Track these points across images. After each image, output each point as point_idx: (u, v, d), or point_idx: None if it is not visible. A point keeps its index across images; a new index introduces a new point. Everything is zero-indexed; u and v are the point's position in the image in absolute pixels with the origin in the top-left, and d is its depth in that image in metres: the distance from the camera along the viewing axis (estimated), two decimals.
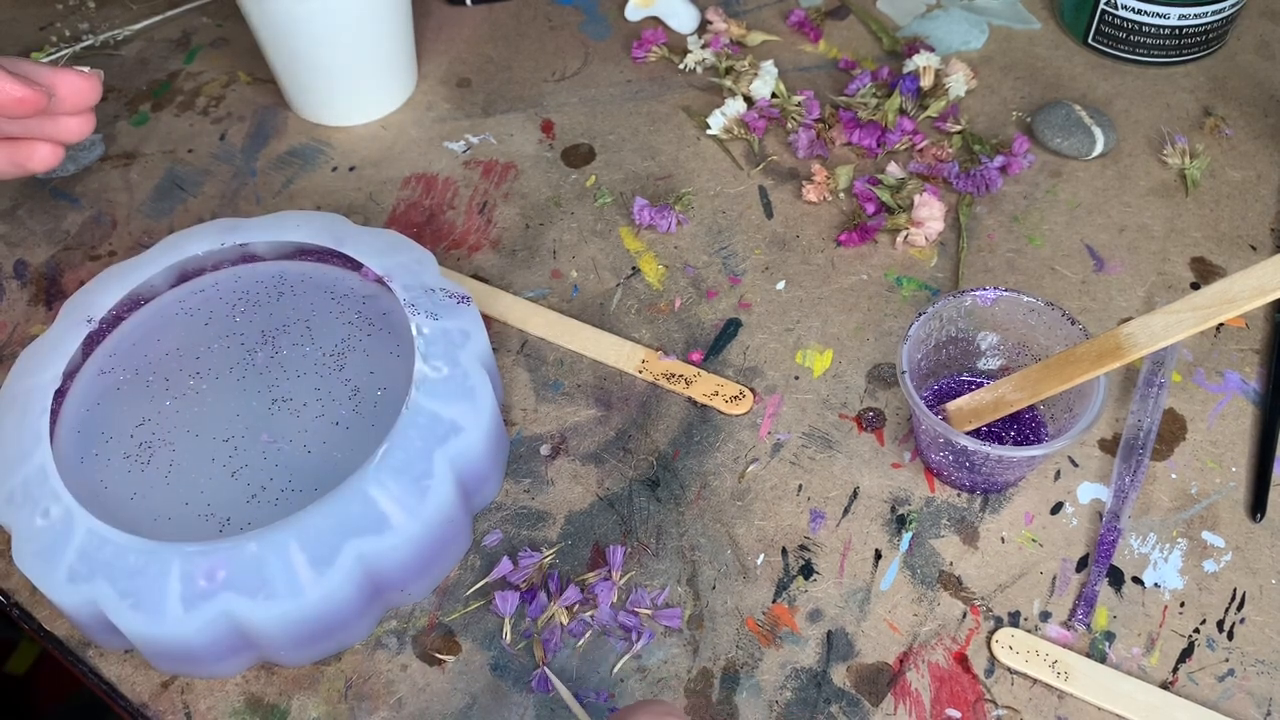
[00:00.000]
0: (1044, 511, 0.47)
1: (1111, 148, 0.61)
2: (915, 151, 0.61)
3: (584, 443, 0.51)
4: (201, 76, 0.70)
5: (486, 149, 0.64)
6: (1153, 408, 0.50)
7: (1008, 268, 0.56)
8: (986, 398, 0.47)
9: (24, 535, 0.42)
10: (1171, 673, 0.43)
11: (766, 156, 0.62)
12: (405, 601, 0.46)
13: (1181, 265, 0.56)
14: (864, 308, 0.55)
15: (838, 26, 0.70)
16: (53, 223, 0.62)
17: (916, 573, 0.46)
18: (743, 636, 0.44)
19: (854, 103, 0.63)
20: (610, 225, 0.59)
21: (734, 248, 0.58)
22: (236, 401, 0.48)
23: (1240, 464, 0.49)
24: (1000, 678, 0.43)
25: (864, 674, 0.43)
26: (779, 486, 0.49)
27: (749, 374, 0.53)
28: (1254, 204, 0.58)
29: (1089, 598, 0.45)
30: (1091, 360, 0.43)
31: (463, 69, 0.69)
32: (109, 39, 0.71)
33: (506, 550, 0.47)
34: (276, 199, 0.62)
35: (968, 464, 0.45)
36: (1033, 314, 0.47)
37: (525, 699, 0.43)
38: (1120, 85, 0.65)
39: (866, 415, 0.51)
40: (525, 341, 0.54)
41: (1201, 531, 0.47)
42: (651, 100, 0.66)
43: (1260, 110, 0.63)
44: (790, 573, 0.46)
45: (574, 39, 0.71)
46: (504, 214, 0.60)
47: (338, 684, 0.44)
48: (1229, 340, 0.53)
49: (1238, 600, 0.45)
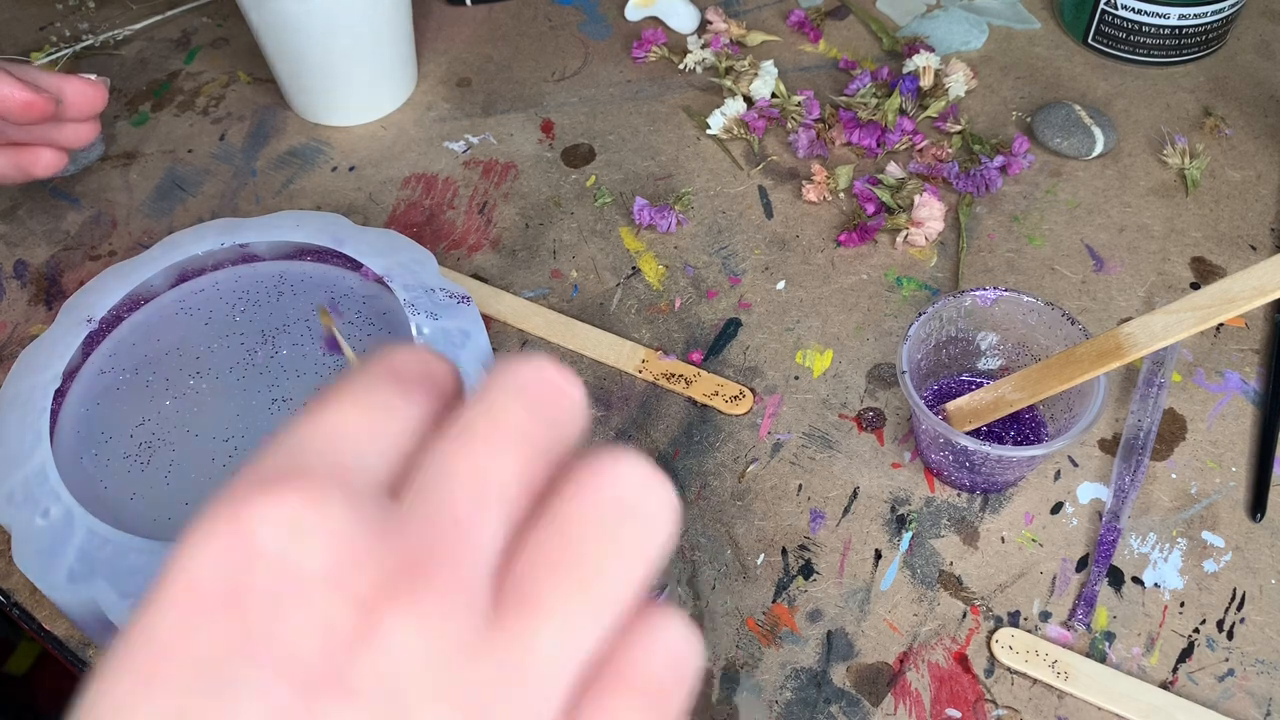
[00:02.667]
0: (1044, 511, 0.47)
1: (1111, 148, 0.61)
2: (915, 151, 0.61)
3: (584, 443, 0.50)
4: (201, 76, 0.70)
5: (486, 149, 0.64)
6: (1153, 408, 0.50)
7: (1008, 268, 0.56)
8: (986, 398, 0.47)
9: (24, 535, 0.42)
10: (1171, 673, 0.43)
11: (766, 156, 0.62)
12: None
13: (1181, 265, 0.56)
14: (864, 308, 0.55)
15: (838, 26, 0.70)
16: (53, 223, 0.62)
17: (916, 573, 0.46)
18: (743, 636, 0.44)
19: (854, 103, 0.63)
20: (610, 225, 0.59)
21: (734, 248, 0.58)
22: (236, 401, 0.48)
23: (1240, 464, 0.49)
24: (1000, 678, 0.43)
25: (864, 674, 0.43)
26: (779, 486, 0.49)
27: (749, 374, 0.53)
28: (1254, 204, 0.58)
29: (1089, 598, 0.45)
30: (1091, 360, 0.43)
31: (463, 69, 0.69)
32: (109, 39, 0.71)
33: None
34: (276, 199, 0.62)
35: (968, 464, 0.45)
36: (1033, 314, 0.47)
37: None
38: (1120, 85, 0.65)
39: (866, 415, 0.51)
40: (525, 341, 0.54)
41: (1201, 531, 0.47)
42: (651, 100, 0.66)
43: (1260, 110, 0.63)
44: (790, 573, 0.46)
45: (574, 39, 0.71)
46: (504, 214, 0.60)
47: None
48: (1229, 340, 0.53)
49: (1238, 600, 0.45)
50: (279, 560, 0.18)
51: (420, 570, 0.18)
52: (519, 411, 0.20)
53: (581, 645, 0.18)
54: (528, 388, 0.20)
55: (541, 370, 0.20)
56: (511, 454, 0.19)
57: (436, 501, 0.19)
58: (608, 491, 0.19)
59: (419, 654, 0.17)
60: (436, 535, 0.18)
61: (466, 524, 0.18)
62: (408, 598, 0.18)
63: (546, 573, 0.18)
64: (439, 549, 0.18)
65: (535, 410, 0.20)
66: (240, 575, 0.18)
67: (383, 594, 0.18)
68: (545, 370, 0.20)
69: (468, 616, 0.18)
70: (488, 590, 0.18)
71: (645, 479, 0.19)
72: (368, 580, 0.18)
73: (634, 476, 0.19)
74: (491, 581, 0.18)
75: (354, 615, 0.17)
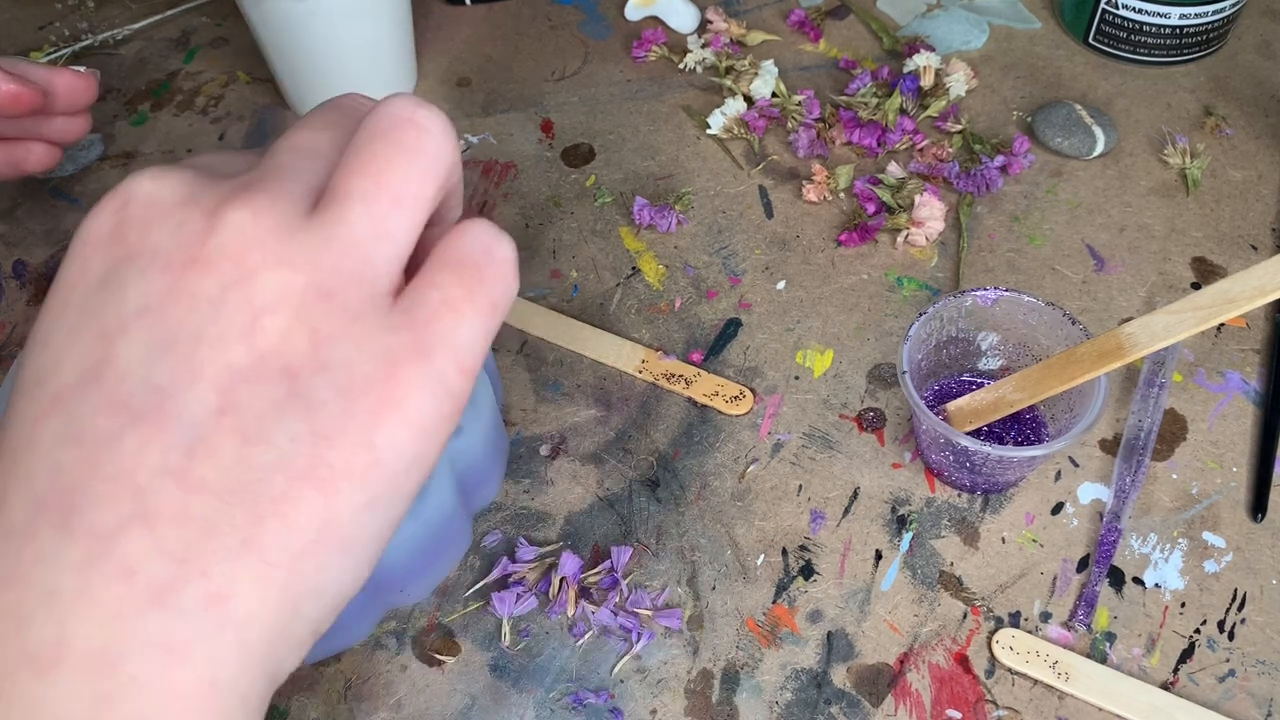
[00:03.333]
0: (1044, 512, 0.47)
1: (1112, 147, 0.61)
2: (915, 151, 0.61)
3: (584, 443, 0.50)
4: (201, 76, 0.69)
5: (486, 148, 0.64)
6: (1153, 408, 0.50)
7: (1008, 268, 0.56)
8: (987, 398, 0.47)
9: None
10: (1172, 673, 0.43)
11: (766, 156, 0.62)
12: (404, 602, 0.45)
13: (1182, 265, 0.56)
14: (864, 308, 0.55)
15: (838, 26, 0.70)
16: (52, 222, 0.61)
17: (917, 573, 0.46)
18: (743, 637, 0.44)
19: (854, 102, 0.63)
20: (610, 225, 0.59)
21: (734, 248, 0.58)
22: None
23: (1241, 464, 0.48)
24: (1001, 678, 0.43)
25: (864, 675, 0.43)
26: (779, 487, 0.49)
27: (749, 374, 0.53)
28: (1255, 204, 0.58)
29: (1089, 598, 0.44)
30: (1092, 360, 0.43)
31: (462, 69, 0.69)
32: (108, 39, 0.71)
33: (506, 551, 0.47)
34: None
35: (968, 464, 0.45)
36: (1033, 314, 0.47)
37: (525, 699, 0.43)
38: (1121, 85, 0.65)
39: (867, 415, 0.51)
40: (525, 341, 0.54)
41: (1202, 532, 0.47)
42: (651, 100, 0.66)
43: (1261, 110, 0.63)
44: (790, 573, 0.46)
45: (574, 39, 0.70)
46: (503, 213, 0.60)
47: (337, 684, 0.44)
48: (1230, 340, 0.53)
49: (1238, 601, 0.45)
50: (146, 197, 0.24)
51: (251, 184, 0.24)
52: (335, 110, 0.27)
53: (390, 230, 0.24)
54: (339, 103, 0.28)
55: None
56: (328, 131, 0.26)
57: (269, 156, 0.25)
58: (386, 110, 0.25)
59: (251, 229, 0.23)
60: (265, 169, 0.25)
61: (288, 163, 0.25)
62: (243, 197, 0.23)
63: (347, 175, 0.24)
64: (268, 175, 0.24)
65: (347, 109, 0.27)
66: (120, 215, 0.24)
67: (224, 202, 0.23)
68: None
69: (291, 206, 0.23)
70: (309, 198, 0.24)
71: (417, 104, 0.25)
72: (213, 196, 0.24)
73: (407, 101, 0.25)
74: (313, 195, 0.24)
75: (203, 217, 0.23)
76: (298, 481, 0.22)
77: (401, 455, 0.23)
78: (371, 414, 0.23)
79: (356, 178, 0.24)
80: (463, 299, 0.24)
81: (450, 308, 0.24)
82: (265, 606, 0.22)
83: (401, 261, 0.24)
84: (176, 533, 0.21)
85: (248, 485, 0.22)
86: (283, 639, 0.23)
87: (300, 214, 0.23)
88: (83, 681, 0.21)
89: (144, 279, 0.23)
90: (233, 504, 0.22)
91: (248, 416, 0.22)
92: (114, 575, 0.21)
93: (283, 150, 0.25)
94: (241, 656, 0.22)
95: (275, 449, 0.22)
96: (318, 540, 0.22)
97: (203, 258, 0.23)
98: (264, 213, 0.23)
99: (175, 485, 0.22)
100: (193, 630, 0.21)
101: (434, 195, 0.25)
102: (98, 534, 0.21)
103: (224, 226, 0.23)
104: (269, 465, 0.22)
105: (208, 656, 0.21)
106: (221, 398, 0.22)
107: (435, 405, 0.24)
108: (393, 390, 0.23)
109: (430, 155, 0.24)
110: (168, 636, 0.21)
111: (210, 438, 0.22)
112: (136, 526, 0.21)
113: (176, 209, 0.24)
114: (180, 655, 0.21)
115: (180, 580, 0.21)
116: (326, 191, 0.24)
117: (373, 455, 0.23)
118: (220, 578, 0.21)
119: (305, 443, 0.22)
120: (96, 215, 0.24)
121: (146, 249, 0.23)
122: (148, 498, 0.21)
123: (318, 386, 0.22)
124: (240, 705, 0.22)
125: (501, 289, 0.25)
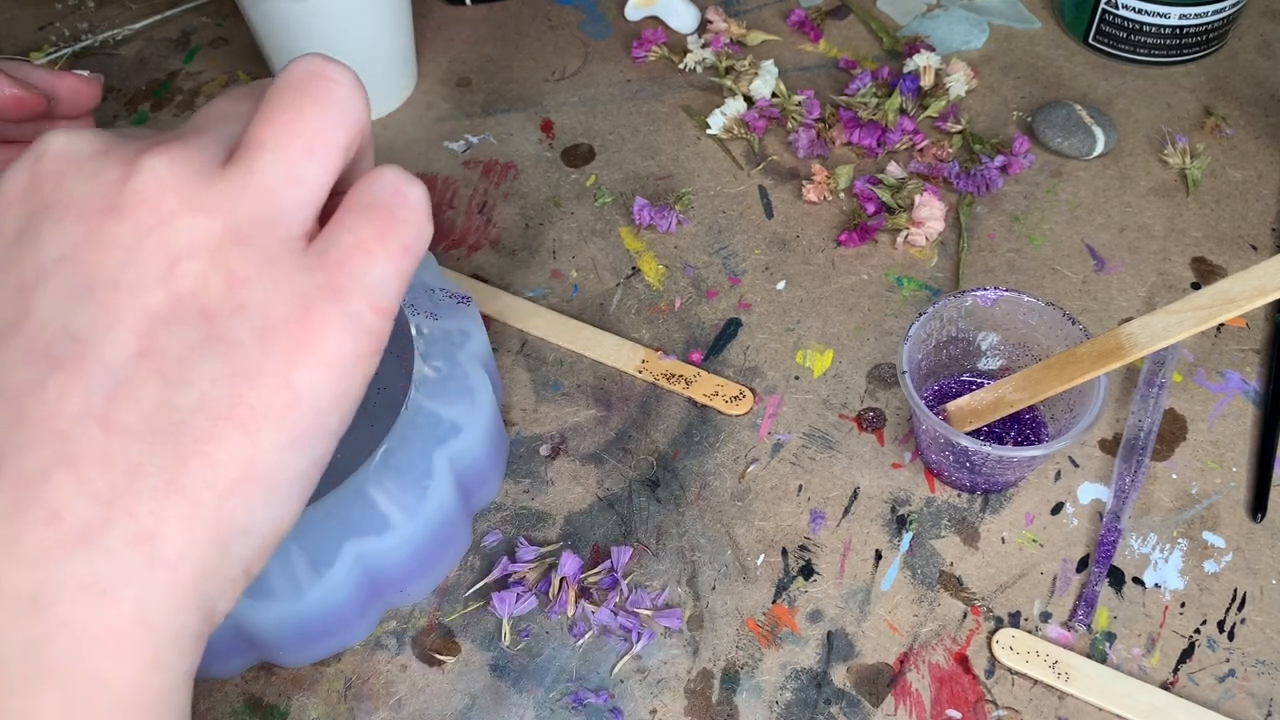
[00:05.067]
0: (1044, 512, 0.47)
1: (1112, 147, 0.61)
2: (915, 151, 0.61)
3: (584, 443, 0.50)
4: (201, 76, 0.69)
5: (486, 149, 0.64)
6: (1153, 408, 0.50)
7: (1008, 268, 0.56)
8: (987, 398, 0.47)
9: None
10: (1172, 673, 0.43)
11: (766, 156, 0.62)
12: (405, 602, 0.45)
13: (1182, 265, 0.56)
14: (864, 308, 0.55)
15: (838, 26, 0.70)
16: None
17: (917, 573, 0.46)
18: (743, 637, 0.44)
19: (854, 102, 0.63)
20: (610, 225, 0.59)
21: (734, 248, 0.58)
22: None
23: (1241, 464, 0.49)
24: (1001, 678, 0.43)
25: (864, 674, 0.43)
26: (779, 487, 0.49)
27: (749, 374, 0.53)
28: (1255, 204, 0.58)
29: (1089, 598, 0.44)
30: (1092, 360, 0.43)
31: (462, 69, 0.69)
32: (108, 39, 0.71)
33: (506, 551, 0.47)
34: None
35: (968, 464, 0.45)
36: (1033, 314, 0.47)
37: (525, 699, 0.43)
38: (1121, 85, 0.65)
39: (866, 415, 0.51)
40: (525, 341, 0.54)
41: (1202, 532, 0.47)
42: (651, 100, 0.66)
43: (1261, 110, 0.63)
44: (790, 573, 0.46)
45: (574, 39, 0.70)
46: (504, 214, 0.60)
47: (337, 684, 0.44)
48: (1230, 340, 0.53)
49: (1238, 601, 0.45)
50: (59, 151, 0.24)
51: (168, 138, 0.24)
52: (256, 86, 0.28)
53: (303, 175, 0.24)
54: (260, 82, 0.28)
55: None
56: (247, 101, 0.27)
57: (189, 121, 0.26)
58: (296, 65, 0.25)
59: (168, 176, 0.23)
60: (182, 129, 0.25)
61: (205, 123, 0.26)
62: (160, 147, 0.24)
63: (260, 125, 0.24)
64: (185, 132, 0.25)
65: (265, 85, 0.27)
66: (34, 169, 0.24)
67: (141, 152, 0.24)
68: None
69: (207, 156, 0.24)
70: (225, 152, 0.25)
71: (325, 59, 0.26)
72: (129, 148, 0.24)
73: (315, 58, 0.25)
74: (229, 149, 0.25)
75: (119, 166, 0.24)
76: (219, 421, 0.23)
77: (320, 394, 0.24)
78: (288, 354, 0.23)
79: (269, 127, 0.24)
80: (374, 240, 0.25)
81: (362, 249, 0.25)
82: (194, 545, 0.22)
83: (315, 207, 0.25)
84: (101, 475, 0.22)
85: (170, 426, 0.22)
86: (214, 578, 0.23)
87: (216, 164, 0.24)
88: (14, 624, 0.21)
89: (60, 229, 0.23)
90: (156, 445, 0.22)
91: (167, 359, 0.23)
92: (41, 519, 0.21)
93: (201, 114, 0.26)
94: (173, 595, 0.22)
95: (196, 390, 0.23)
96: (242, 479, 0.23)
97: (119, 205, 0.23)
98: (181, 161, 0.24)
99: (98, 429, 0.22)
100: (122, 570, 0.22)
101: (345, 144, 0.25)
102: (23, 480, 0.22)
103: (140, 173, 0.23)
104: (190, 406, 0.22)
105: (138, 596, 0.22)
106: (140, 341, 0.22)
107: (352, 344, 0.24)
108: (308, 330, 0.24)
109: (340, 104, 0.25)
110: (97, 577, 0.21)
111: (131, 381, 0.22)
112: (61, 471, 0.22)
113: (91, 160, 0.24)
114: (111, 595, 0.21)
115: (107, 522, 0.22)
116: (241, 143, 0.25)
117: (292, 394, 0.23)
118: (147, 517, 0.22)
119: (225, 383, 0.23)
120: (11, 173, 0.25)
121: (61, 199, 0.24)
122: (71, 442, 0.22)
123: (235, 327, 0.23)
124: (174, 642, 0.22)
125: (413, 231, 0.26)
